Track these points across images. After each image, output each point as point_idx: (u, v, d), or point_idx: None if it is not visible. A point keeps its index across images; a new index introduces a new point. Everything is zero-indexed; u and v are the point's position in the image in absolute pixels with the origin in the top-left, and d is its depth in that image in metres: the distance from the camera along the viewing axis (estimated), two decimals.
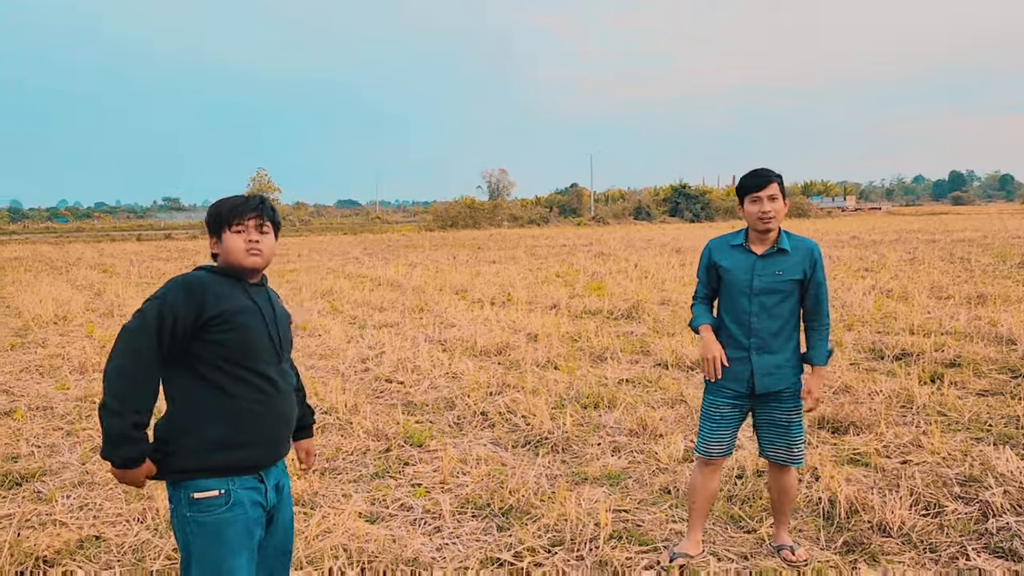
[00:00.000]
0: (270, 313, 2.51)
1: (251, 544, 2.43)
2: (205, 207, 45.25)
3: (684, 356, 8.08)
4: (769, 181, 3.39)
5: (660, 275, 16.26)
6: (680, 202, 61.18)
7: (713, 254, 3.60)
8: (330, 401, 6.57)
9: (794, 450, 3.59)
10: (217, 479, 2.36)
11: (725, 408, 3.56)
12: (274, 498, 2.53)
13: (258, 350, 2.42)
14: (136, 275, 19.59)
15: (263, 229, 2.50)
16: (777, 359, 3.46)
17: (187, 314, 2.29)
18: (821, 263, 3.48)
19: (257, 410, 2.41)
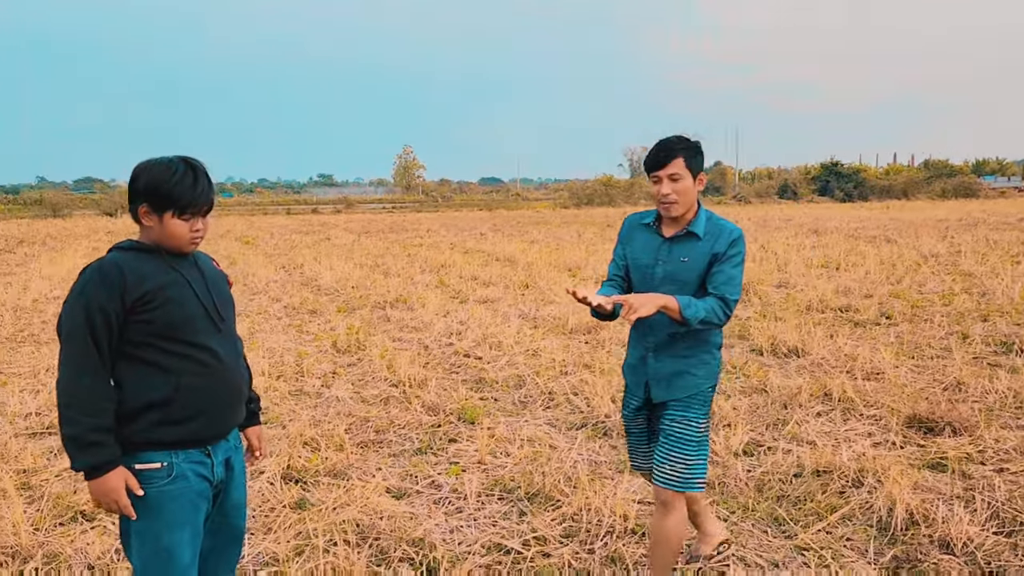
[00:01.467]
0: (199, 281, 2.38)
1: (195, 519, 2.35)
2: (356, 183, 47.20)
3: (783, 342, 7.54)
4: (671, 157, 2.78)
5: (787, 257, 15.35)
6: (830, 180, 57.78)
7: (626, 232, 3.07)
8: (400, 374, 6.58)
9: (665, 467, 2.86)
10: (160, 451, 2.28)
11: (637, 418, 3.09)
12: (222, 473, 2.43)
13: (190, 321, 2.30)
14: (271, 247, 20.60)
15: (205, 212, 2.37)
16: (677, 364, 2.87)
17: (112, 304, 2.19)
18: (738, 252, 2.81)
19: (197, 383, 2.30)
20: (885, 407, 5.48)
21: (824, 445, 4.73)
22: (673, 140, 2.83)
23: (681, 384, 2.87)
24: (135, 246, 2.33)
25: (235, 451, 2.52)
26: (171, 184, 2.27)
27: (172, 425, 2.28)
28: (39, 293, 11.63)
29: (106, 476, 2.21)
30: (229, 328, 2.46)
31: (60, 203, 45.18)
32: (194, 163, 2.34)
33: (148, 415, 2.26)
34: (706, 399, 2.92)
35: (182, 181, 2.28)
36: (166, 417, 2.27)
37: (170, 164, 2.30)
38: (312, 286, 12.58)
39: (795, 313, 9.24)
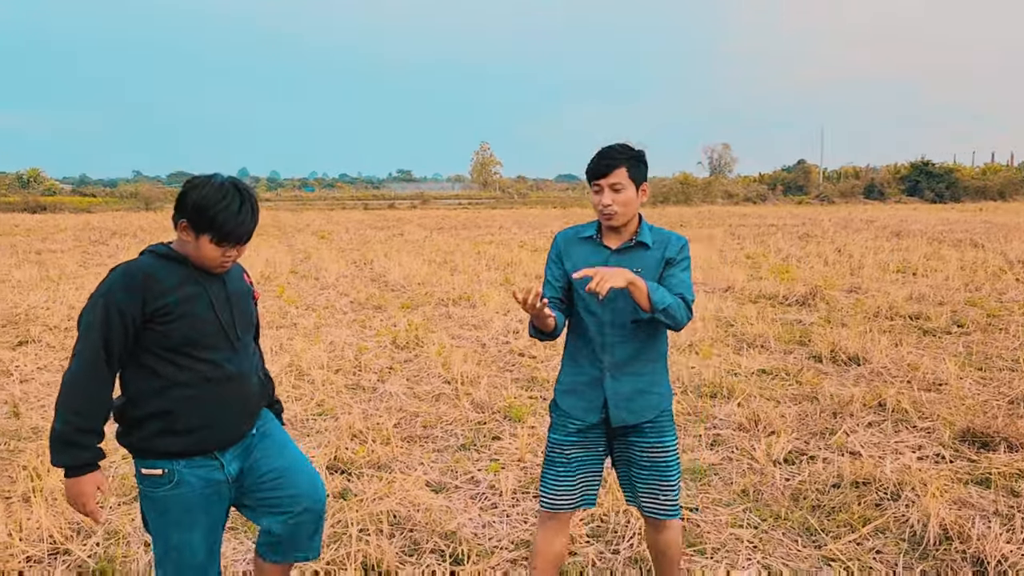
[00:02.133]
0: (221, 298, 2.39)
1: (206, 520, 2.40)
2: (435, 179, 47.79)
3: (844, 349, 7.39)
4: (613, 166, 2.65)
5: (863, 260, 14.93)
6: (920, 180, 55.56)
7: (561, 248, 2.83)
8: (454, 371, 6.74)
9: (659, 498, 2.77)
10: (162, 459, 2.34)
11: (573, 449, 2.79)
12: (235, 469, 2.47)
13: (203, 337, 2.32)
14: (345, 241, 21.15)
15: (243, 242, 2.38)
16: (637, 383, 2.73)
17: (132, 309, 2.23)
18: (687, 257, 2.73)
19: (201, 397, 2.33)
20: (940, 419, 5.34)
21: (869, 456, 4.66)
22: (616, 149, 2.71)
23: (644, 404, 2.75)
24: (168, 253, 2.36)
25: (256, 438, 2.54)
26: (216, 210, 2.27)
27: (173, 435, 2.32)
28: None
29: (79, 478, 2.26)
30: (245, 344, 2.49)
31: (152, 196, 47.30)
32: (245, 193, 2.34)
33: (151, 424, 2.31)
34: (672, 418, 2.85)
35: (227, 209, 2.28)
36: (168, 428, 2.32)
37: (221, 188, 2.30)
38: (380, 282, 12.91)
39: (862, 320, 9.02)
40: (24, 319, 9.35)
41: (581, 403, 2.78)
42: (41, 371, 7.01)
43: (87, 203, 45.76)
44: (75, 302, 10.46)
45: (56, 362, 7.34)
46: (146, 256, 2.37)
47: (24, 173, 57.49)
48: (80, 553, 3.61)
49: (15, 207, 40.75)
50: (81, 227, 27.14)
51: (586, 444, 2.81)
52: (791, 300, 10.55)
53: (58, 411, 2.25)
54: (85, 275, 13.50)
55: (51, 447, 2.26)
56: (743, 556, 3.58)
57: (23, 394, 6.26)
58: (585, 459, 2.82)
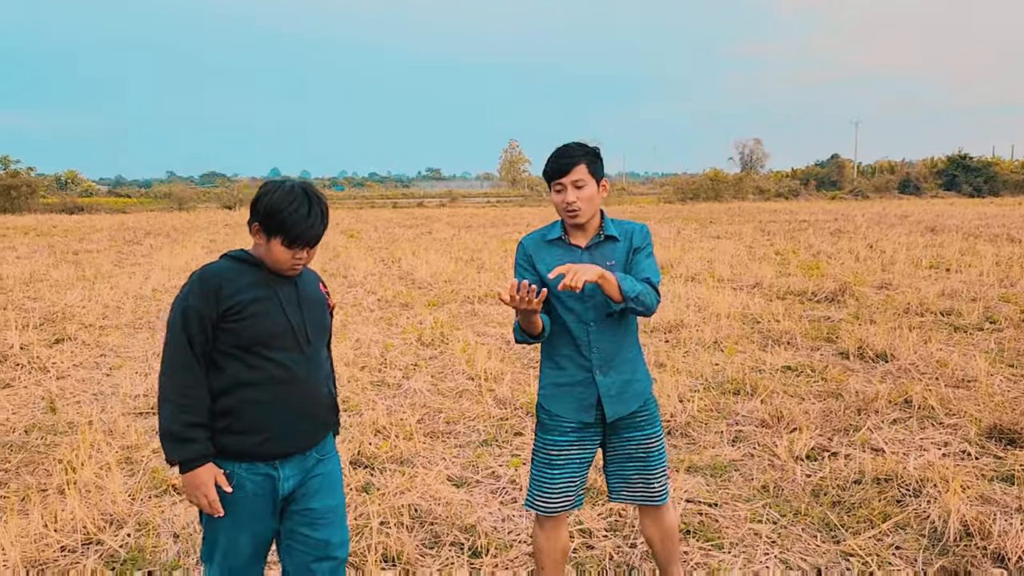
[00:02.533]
0: (292, 302, 2.45)
1: (256, 526, 2.45)
2: (463, 177, 47.92)
3: (871, 346, 7.32)
4: (572, 164, 2.67)
5: (895, 256, 14.74)
6: (957, 175, 54.59)
7: (530, 253, 2.81)
8: (477, 368, 6.80)
9: (654, 485, 2.86)
10: (225, 460, 2.39)
11: (569, 449, 2.81)
12: (292, 486, 2.48)
13: (273, 338, 2.38)
14: (374, 240, 21.34)
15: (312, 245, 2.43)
16: (624, 374, 2.78)
17: (208, 310, 2.32)
18: (650, 243, 2.79)
19: (264, 398, 2.38)
20: (967, 416, 5.29)
21: (892, 453, 4.64)
22: (573, 147, 2.73)
23: (632, 394, 2.80)
24: (242, 257, 2.45)
25: (319, 463, 2.55)
26: (286, 213, 2.34)
27: (234, 435, 2.38)
28: (158, 283, 12.51)
29: (196, 471, 2.33)
30: (315, 351, 2.50)
31: (186, 197, 48.06)
32: (314, 197, 2.40)
33: (217, 422, 2.38)
34: (656, 405, 2.90)
35: (297, 212, 2.34)
36: (229, 427, 2.38)
37: (291, 192, 2.37)
38: (407, 280, 13.02)
39: (891, 316, 8.92)
40: (61, 317, 9.58)
41: (573, 404, 2.79)
42: (77, 368, 7.20)
43: (122, 204, 46.62)
44: (109, 301, 10.70)
45: (91, 359, 7.53)
46: (222, 260, 2.46)
47: (62, 175, 58.69)
48: (112, 543, 3.72)
49: (53, 208, 41.62)
50: (116, 227, 27.67)
51: (583, 443, 2.83)
52: (820, 296, 10.46)
53: (163, 411, 2.33)
54: (119, 274, 13.79)
55: (164, 446, 2.34)
56: (761, 551, 3.59)
57: (59, 390, 6.44)
58: (581, 458, 2.84)
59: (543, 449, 2.85)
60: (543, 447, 2.85)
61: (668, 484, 2.92)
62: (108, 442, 5.06)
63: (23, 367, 7.16)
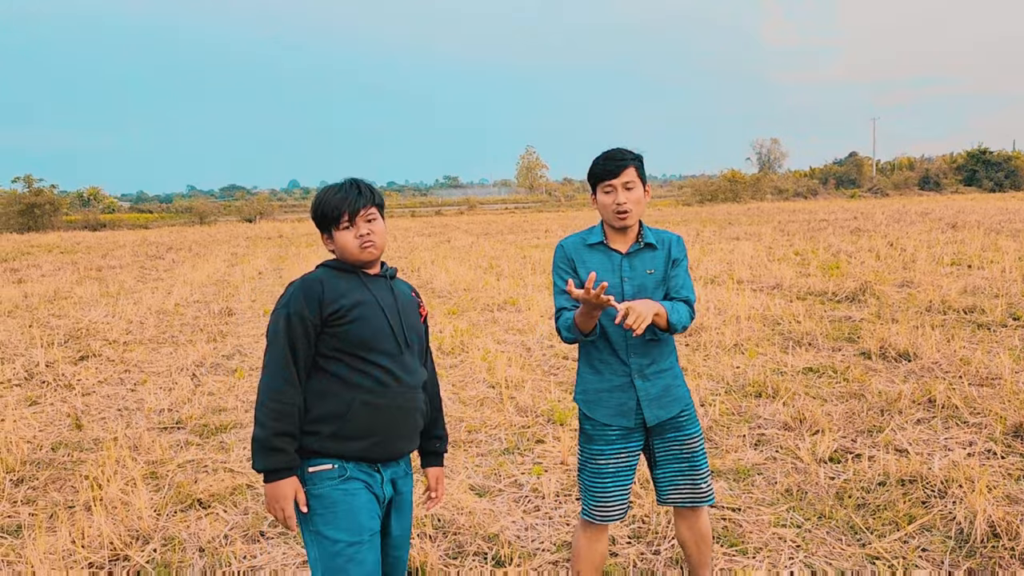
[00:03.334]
0: (391, 304, 2.48)
1: (372, 524, 2.39)
2: (481, 184, 48.50)
3: (894, 345, 7.26)
4: (624, 166, 2.71)
5: (916, 253, 14.60)
6: (978, 170, 54.00)
7: (571, 256, 2.83)
8: (497, 376, 6.81)
9: (702, 486, 2.88)
10: (331, 457, 2.39)
11: (617, 456, 2.83)
12: (390, 492, 2.48)
13: (376, 341, 2.40)
14: (392, 249, 21.43)
15: (369, 217, 2.45)
16: (664, 379, 2.81)
17: (311, 315, 2.35)
18: (686, 256, 2.84)
19: (372, 402, 2.39)
20: (992, 415, 5.23)
21: (917, 454, 4.60)
22: (623, 150, 2.77)
23: (672, 399, 2.83)
24: (336, 265, 2.50)
25: (404, 477, 2.55)
26: (323, 200, 2.45)
27: (342, 440, 2.37)
28: (180, 297, 12.65)
29: (280, 482, 2.31)
30: (414, 354, 2.52)
31: (206, 211, 48.51)
32: (348, 180, 2.49)
33: (325, 426, 2.37)
34: (694, 407, 2.93)
35: (334, 194, 2.44)
36: (338, 431, 2.37)
37: (331, 185, 2.49)
38: (426, 289, 13.06)
39: (913, 315, 8.84)
40: (85, 334, 9.71)
41: (613, 409, 2.81)
42: (102, 384, 7.29)
43: (144, 219, 47.17)
44: (133, 316, 10.83)
45: (115, 375, 7.62)
46: (319, 269, 2.50)
47: (84, 192, 59.47)
48: (138, 559, 3.76)
49: (76, 225, 42.20)
50: (139, 243, 27.99)
51: (628, 450, 2.85)
52: (840, 296, 10.38)
53: (257, 418, 2.35)
54: (142, 290, 13.95)
55: (253, 452, 2.35)
56: (785, 555, 3.56)
57: (84, 407, 6.52)
58: (628, 466, 2.86)
59: (591, 460, 2.87)
60: (591, 458, 2.87)
61: (712, 484, 2.94)
62: (134, 458, 5.12)
63: (49, 384, 7.26)
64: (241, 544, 3.86)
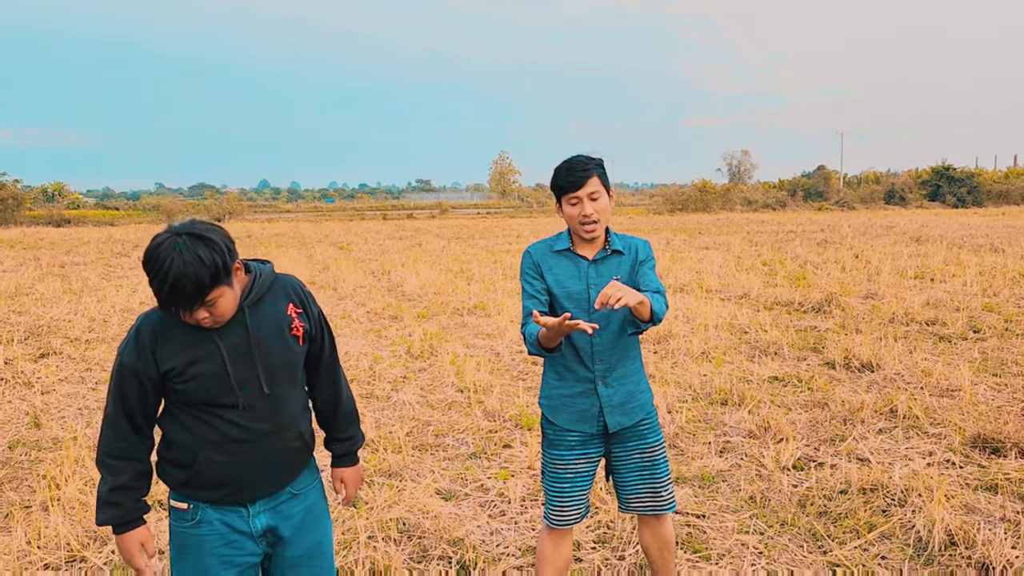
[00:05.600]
0: (239, 349, 2.18)
1: (224, 572, 2.25)
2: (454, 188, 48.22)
3: (857, 356, 7.37)
4: (587, 176, 2.67)
5: (881, 266, 14.84)
6: (941, 185, 55.08)
7: (537, 262, 2.80)
8: (466, 380, 6.80)
9: (663, 493, 2.88)
10: (188, 498, 2.26)
11: (576, 462, 2.83)
12: (265, 522, 2.30)
13: (219, 397, 2.17)
14: (364, 252, 21.31)
15: (209, 303, 2.07)
16: (628, 385, 2.80)
17: (146, 369, 2.15)
18: (652, 256, 2.80)
19: (219, 458, 2.19)
20: (951, 425, 5.33)
21: (878, 463, 4.67)
22: (584, 159, 2.72)
23: (636, 405, 2.82)
24: None
25: (289, 500, 2.35)
26: (160, 286, 2.02)
27: (195, 488, 2.24)
28: (146, 296, 12.44)
29: (123, 536, 2.21)
30: (277, 396, 2.27)
31: (174, 209, 47.89)
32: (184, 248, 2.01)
33: (176, 473, 2.24)
34: (656, 414, 2.92)
35: (166, 290, 2.02)
36: (190, 480, 2.23)
37: (162, 255, 2.01)
38: (397, 292, 13.01)
39: (877, 326, 8.99)
40: (47, 331, 9.52)
41: (575, 415, 2.81)
42: (62, 383, 7.15)
43: (110, 216, 46.40)
44: (96, 314, 10.64)
45: (76, 374, 7.48)
46: (159, 311, 2.19)
47: (48, 187, 58.36)
48: (96, 560, 3.69)
49: (40, 221, 41.37)
50: (104, 240, 27.53)
51: (588, 455, 2.85)
52: (806, 307, 10.51)
53: (99, 468, 2.22)
54: (106, 287, 13.72)
55: (96, 505, 2.23)
56: (748, 562, 3.60)
57: (44, 405, 6.40)
58: (588, 471, 2.87)
59: (552, 464, 2.88)
60: (551, 463, 2.88)
61: (674, 492, 2.94)
62: (93, 457, 5.03)
63: (7, 382, 7.11)
64: None
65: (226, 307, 2.11)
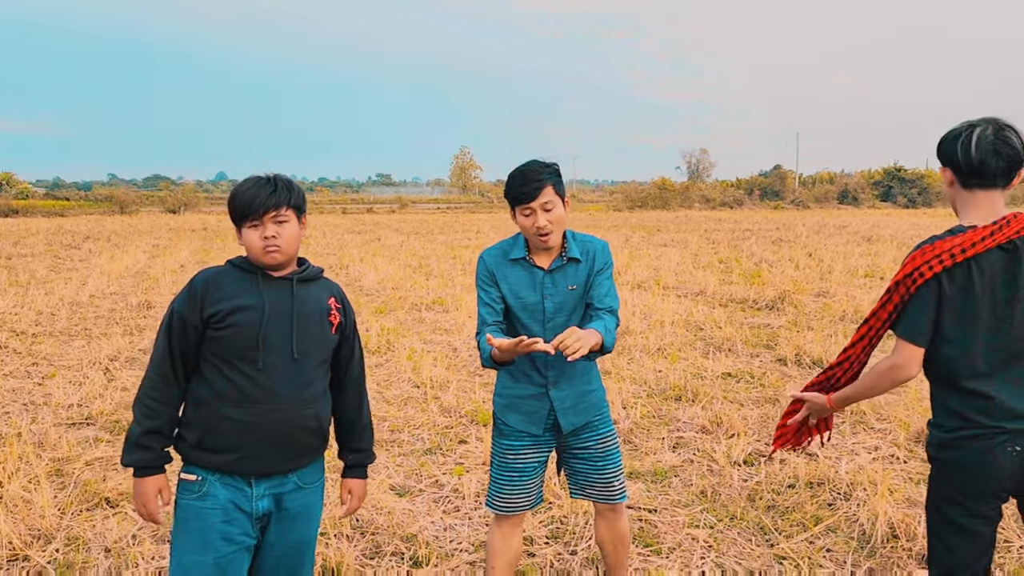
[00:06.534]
0: (283, 311, 2.31)
1: (224, 548, 2.27)
2: (414, 183, 47.86)
3: (808, 353, 7.52)
4: (540, 187, 2.61)
5: (833, 264, 15.14)
6: (893, 186, 56.34)
7: (492, 270, 2.77)
8: (423, 376, 6.78)
9: (615, 484, 2.89)
10: (195, 467, 2.32)
11: (527, 454, 2.85)
12: (264, 508, 2.34)
13: (250, 351, 2.27)
14: (322, 246, 21.11)
15: (280, 219, 2.30)
16: (579, 386, 2.81)
17: (191, 316, 2.27)
18: (610, 264, 2.77)
19: (240, 416, 2.26)
20: (897, 421, 5.47)
21: (825, 457, 4.77)
22: (538, 167, 2.67)
23: (588, 404, 2.84)
24: (241, 263, 2.37)
25: (295, 491, 2.39)
26: (238, 192, 2.32)
27: (205, 452, 2.29)
28: (96, 289, 12.19)
29: (143, 479, 2.29)
30: (302, 369, 2.35)
31: (128, 200, 46.81)
32: (267, 175, 2.35)
33: (190, 434, 2.31)
34: (608, 407, 2.94)
35: (249, 188, 2.31)
36: (202, 442, 2.29)
37: (250, 177, 2.36)
38: (355, 286, 12.91)
39: (828, 323, 9.17)
40: None
41: (525, 416, 2.83)
42: (7, 377, 6.96)
43: (61, 207, 45.20)
44: (43, 308, 10.39)
45: (22, 368, 7.30)
46: (226, 264, 2.39)
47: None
48: (39, 559, 3.61)
49: None
50: (53, 231, 26.86)
51: (538, 447, 2.89)
52: (760, 304, 10.69)
53: (135, 411, 2.31)
54: (55, 280, 13.40)
55: (123, 447, 2.31)
56: (698, 555, 3.66)
57: None
58: (538, 462, 2.90)
59: (501, 453, 2.90)
60: (501, 451, 2.90)
61: (625, 484, 2.97)
62: (38, 454, 4.91)
63: None
64: (150, 544, 3.74)
65: (291, 237, 2.33)
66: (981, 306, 2.23)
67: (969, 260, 2.22)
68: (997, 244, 2.21)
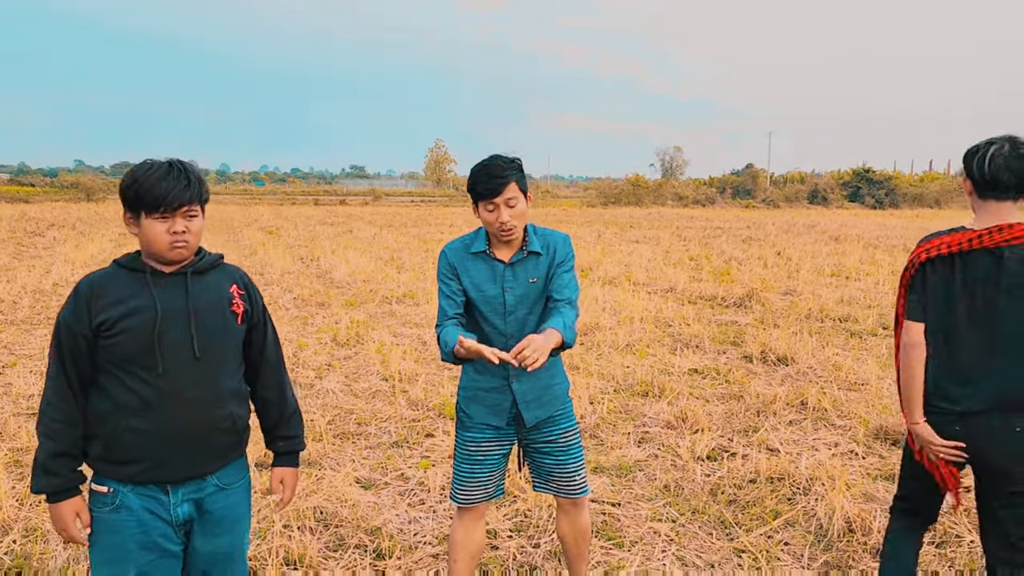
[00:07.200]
0: (176, 310, 2.17)
1: (143, 559, 2.18)
2: (388, 175, 47.64)
3: (773, 350, 7.61)
4: (504, 183, 2.64)
5: (801, 263, 15.34)
6: (861, 187, 57.14)
7: (453, 264, 2.80)
8: (391, 369, 6.77)
9: (576, 478, 2.92)
10: (107, 479, 2.20)
11: (489, 446, 2.88)
12: (186, 513, 2.24)
13: (144, 357, 2.14)
14: (293, 237, 20.95)
15: (191, 213, 2.16)
16: (543, 380, 2.82)
17: (79, 326, 2.13)
18: (571, 256, 2.80)
19: (144, 427, 2.14)
20: (857, 417, 5.57)
21: (787, 453, 4.85)
22: (502, 163, 2.69)
23: (551, 397, 2.86)
24: (128, 263, 2.22)
25: (216, 493, 2.29)
26: (143, 179, 2.12)
27: (113, 464, 2.18)
28: (60, 277, 12.01)
29: (57, 505, 2.16)
30: (208, 368, 2.23)
31: (94, 187, 46.12)
32: (176, 162, 2.18)
33: (94, 447, 2.19)
34: (570, 402, 2.97)
35: (154, 174, 2.12)
36: (108, 455, 2.17)
37: (148, 162, 2.17)
38: (326, 279, 12.85)
39: (793, 321, 9.29)
40: None
41: (488, 408, 2.85)
42: None
43: (25, 193, 44.41)
44: (5, 295, 10.22)
45: None
46: (109, 267, 2.24)
47: None
48: None
49: None
50: (17, 218, 26.38)
51: (501, 441, 2.91)
52: (729, 302, 10.80)
53: (37, 435, 2.18)
54: (18, 267, 13.17)
55: (32, 472, 2.17)
56: (659, 549, 3.70)
57: None
58: (499, 453, 2.92)
59: (463, 445, 2.92)
60: (463, 443, 2.92)
61: (586, 479, 2.99)
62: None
63: None
64: None
65: (198, 232, 2.21)
66: (959, 301, 2.50)
67: (954, 255, 2.50)
68: (984, 247, 2.46)
